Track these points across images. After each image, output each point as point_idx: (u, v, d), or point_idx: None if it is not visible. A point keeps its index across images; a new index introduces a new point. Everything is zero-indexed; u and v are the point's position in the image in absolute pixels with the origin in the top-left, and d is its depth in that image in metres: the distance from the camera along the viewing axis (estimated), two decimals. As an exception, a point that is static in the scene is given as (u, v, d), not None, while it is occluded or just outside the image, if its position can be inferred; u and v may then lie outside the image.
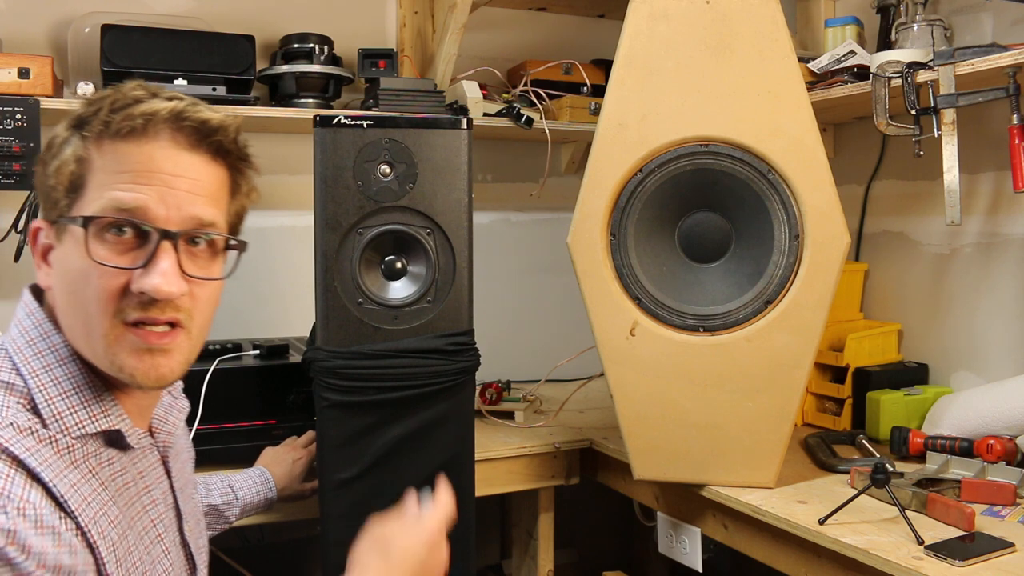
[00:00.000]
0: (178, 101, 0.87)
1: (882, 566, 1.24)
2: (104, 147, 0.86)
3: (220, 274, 0.94)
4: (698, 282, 1.56)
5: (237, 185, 0.95)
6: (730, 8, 1.49)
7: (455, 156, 1.55)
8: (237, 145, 0.93)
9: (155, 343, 0.86)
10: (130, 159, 0.85)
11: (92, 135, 0.86)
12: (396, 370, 1.51)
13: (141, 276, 0.84)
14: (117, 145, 0.85)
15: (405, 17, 2.37)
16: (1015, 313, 1.85)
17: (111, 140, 0.85)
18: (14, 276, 1.96)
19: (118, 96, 0.87)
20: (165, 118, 0.86)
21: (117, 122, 0.85)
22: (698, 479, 1.59)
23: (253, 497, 1.50)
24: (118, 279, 0.84)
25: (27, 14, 2.01)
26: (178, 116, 0.86)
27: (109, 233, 0.85)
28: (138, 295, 0.84)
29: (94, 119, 0.86)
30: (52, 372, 0.87)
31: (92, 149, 0.86)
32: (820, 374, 2.01)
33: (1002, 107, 1.65)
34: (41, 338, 0.89)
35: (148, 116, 0.85)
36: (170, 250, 0.85)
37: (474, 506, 1.59)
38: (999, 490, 1.46)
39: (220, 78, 1.91)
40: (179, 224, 0.86)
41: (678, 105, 1.50)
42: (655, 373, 1.54)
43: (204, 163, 0.89)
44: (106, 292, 0.84)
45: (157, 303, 0.85)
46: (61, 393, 0.87)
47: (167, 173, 0.86)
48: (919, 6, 1.80)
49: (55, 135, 0.90)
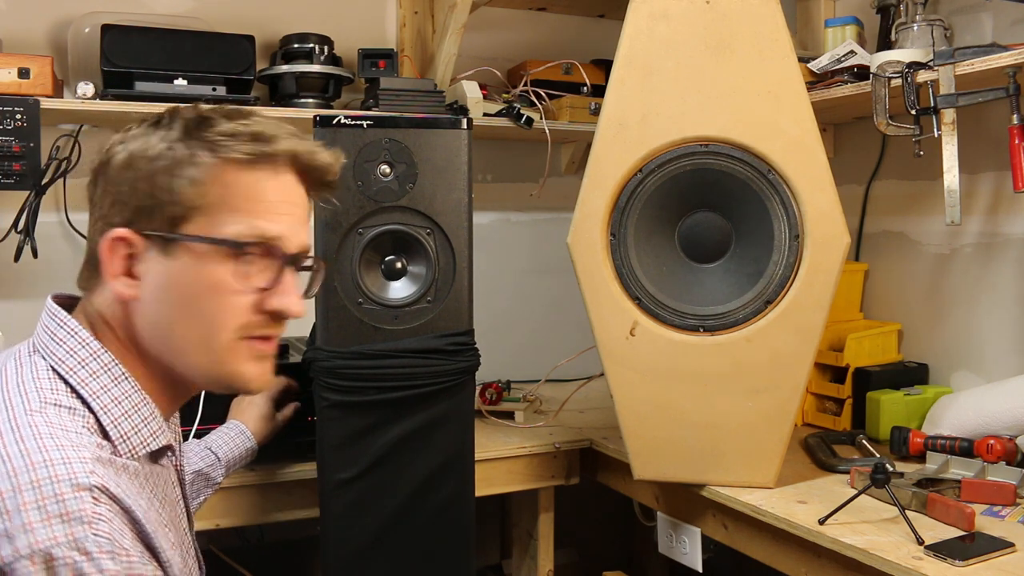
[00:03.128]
0: (307, 142, 0.95)
1: (882, 566, 1.24)
2: (241, 173, 0.90)
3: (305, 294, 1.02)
4: (698, 282, 1.56)
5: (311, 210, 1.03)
6: (730, 8, 1.49)
7: (455, 156, 1.55)
8: (332, 186, 1.01)
9: (270, 352, 0.95)
10: (266, 188, 0.91)
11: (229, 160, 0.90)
12: (396, 370, 1.51)
13: (274, 297, 0.91)
14: (256, 173, 0.91)
15: (405, 17, 2.37)
16: (1015, 313, 1.85)
17: (248, 168, 0.90)
18: (14, 276, 1.96)
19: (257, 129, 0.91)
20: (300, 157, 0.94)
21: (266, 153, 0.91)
22: (698, 479, 1.59)
23: (233, 451, 1.49)
24: (250, 298, 0.91)
25: (27, 14, 2.01)
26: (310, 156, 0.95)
27: (246, 256, 0.90)
28: (270, 313, 0.92)
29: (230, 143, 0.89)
30: (111, 392, 0.89)
31: (227, 173, 0.89)
32: (820, 374, 2.01)
33: (1002, 107, 1.65)
34: (92, 358, 0.89)
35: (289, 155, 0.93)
36: (295, 274, 0.94)
37: (474, 506, 1.59)
38: (999, 490, 1.46)
39: (220, 78, 1.91)
40: (297, 248, 0.94)
41: (678, 105, 1.50)
42: (655, 373, 1.53)
43: (307, 195, 0.98)
44: (239, 309, 0.90)
45: (282, 322, 0.94)
46: (124, 413, 0.89)
47: (292, 203, 0.94)
48: (919, 6, 1.80)
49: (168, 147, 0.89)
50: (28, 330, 0.95)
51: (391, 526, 1.51)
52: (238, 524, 1.68)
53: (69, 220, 2.02)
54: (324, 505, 1.53)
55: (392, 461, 1.52)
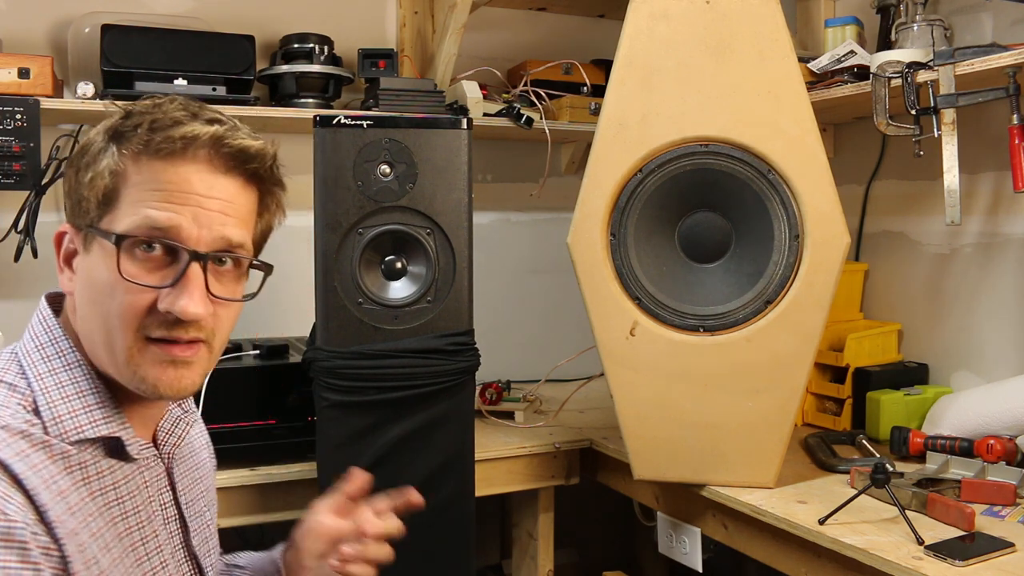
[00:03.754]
0: (219, 125, 0.88)
1: (882, 566, 1.24)
2: (141, 164, 0.86)
3: (243, 293, 0.94)
4: (698, 282, 1.56)
5: (266, 205, 0.96)
6: (730, 8, 1.49)
7: (455, 156, 1.55)
8: (272, 172, 0.94)
9: (178, 355, 0.87)
10: (166, 178, 0.86)
11: (130, 152, 0.86)
12: (396, 370, 1.51)
13: (169, 296, 0.85)
14: (154, 163, 0.86)
15: (405, 17, 2.37)
16: (1015, 313, 1.85)
17: (149, 158, 0.86)
18: (14, 276, 1.96)
19: (159, 116, 0.87)
20: (205, 143, 0.86)
21: (157, 142, 0.85)
22: (698, 479, 1.59)
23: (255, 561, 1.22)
24: (145, 296, 0.85)
25: (27, 14, 2.01)
26: (218, 141, 0.87)
27: (139, 250, 0.85)
28: (164, 314, 0.85)
29: (133, 135, 0.86)
30: (57, 376, 0.88)
31: (129, 164, 0.86)
32: (820, 374, 2.01)
33: (1002, 107, 1.65)
34: (50, 343, 0.90)
35: (188, 139, 0.86)
36: (199, 271, 0.86)
37: (474, 506, 1.59)
38: (999, 490, 1.46)
39: (220, 78, 1.91)
40: (209, 245, 0.87)
41: (678, 105, 1.50)
42: (655, 373, 1.53)
43: (238, 187, 0.90)
44: (132, 308, 0.85)
45: (182, 323, 0.86)
46: (64, 397, 0.87)
47: (201, 195, 0.87)
48: (919, 6, 1.80)
49: (90, 141, 0.89)
50: (29, 330, 0.97)
51: (391, 526, 1.51)
52: (238, 524, 1.68)
53: (69, 220, 2.02)
54: (324, 505, 1.53)
55: (392, 461, 1.52)
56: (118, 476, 0.90)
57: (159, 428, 0.99)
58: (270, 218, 0.98)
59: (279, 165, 0.95)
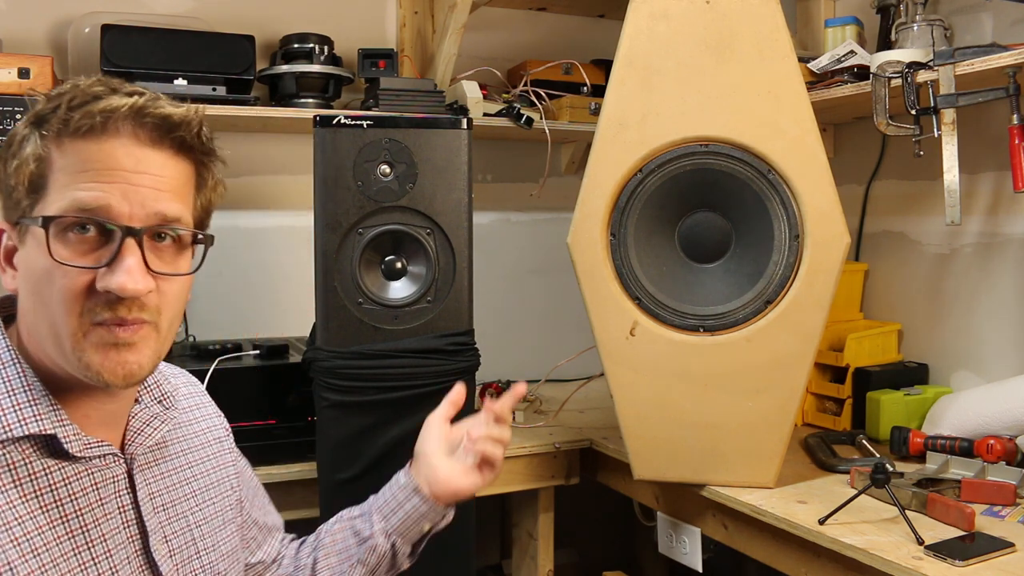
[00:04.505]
0: (138, 96, 0.85)
1: (882, 566, 1.24)
2: (64, 146, 0.83)
3: (188, 269, 0.91)
4: (698, 282, 1.56)
5: (203, 179, 0.93)
6: (730, 8, 1.49)
7: (455, 156, 1.55)
8: (201, 140, 0.90)
9: (121, 336, 0.84)
10: (91, 157, 0.83)
11: (51, 133, 0.83)
12: (396, 370, 1.51)
13: (106, 275, 0.82)
14: (77, 143, 0.83)
15: (405, 17, 2.37)
16: (1015, 313, 1.85)
17: (71, 138, 0.83)
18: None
19: (76, 93, 0.84)
20: (125, 115, 0.83)
21: (76, 120, 0.82)
22: (698, 479, 1.59)
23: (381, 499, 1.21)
24: (82, 279, 0.83)
25: (27, 14, 2.01)
26: (138, 112, 0.84)
27: (72, 233, 0.83)
28: (104, 294, 0.82)
29: (53, 117, 0.83)
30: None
31: (52, 148, 0.83)
32: (820, 374, 2.01)
33: (1002, 107, 1.65)
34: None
35: (108, 113, 0.83)
36: (134, 247, 0.83)
37: (474, 506, 1.59)
38: (999, 490, 1.46)
39: (220, 78, 1.91)
40: (143, 221, 0.84)
41: (678, 105, 1.50)
42: (655, 373, 1.53)
43: (167, 158, 0.87)
44: (71, 292, 0.82)
45: (124, 302, 0.83)
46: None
47: (129, 170, 0.84)
48: (919, 6, 1.80)
49: (15, 132, 0.87)
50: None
51: (391, 526, 1.51)
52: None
53: (69, 220, 2.02)
54: (324, 505, 1.53)
55: (392, 461, 1.52)
56: (58, 477, 0.86)
57: (128, 427, 0.95)
58: (209, 194, 0.95)
59: (209, 135, 0.91)
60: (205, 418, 1.11)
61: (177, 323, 0.92)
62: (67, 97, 0.84)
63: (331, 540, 1.20)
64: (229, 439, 1.14)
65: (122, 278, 0.82)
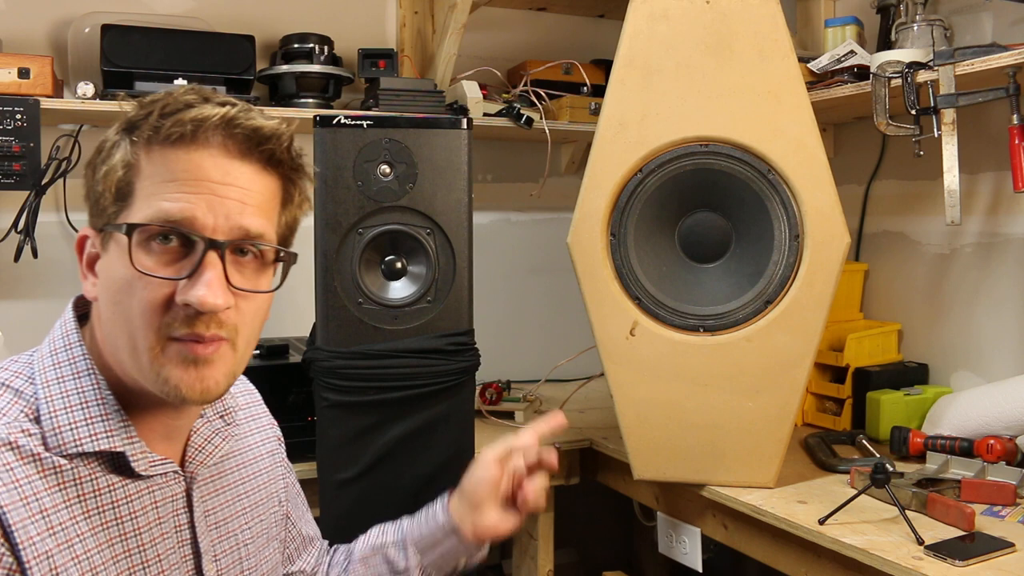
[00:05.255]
0: (230, 107, 0.84)
1: (882, 566, 1.24)
2: (153, 153, 0.83)
3: (268, 287, 0.89)
4: (698, 282, 1.56)
5: (289, 196, 0.92)
6: (730, 8, 1.49)
7: (455, 156, 1.55)
8: (290, 154, 0.89)
9: (200, 353, 0.83)
10: (178, 167, 0.82)
11: (141, 140, 0.83)
12: (396, 370, 1.51)
13: (186, 287, 0.81)
14: (166, 151, 0.82)
15: (405, 17, 2.37)
16: (1015, 313, 1.85)
17: (160, 146, 0.82)
18: (14, 276, 1.96)
19: (169, 101, 0.84)
20: (216, 124, 0.83)
21: (167, 128, 0.82)
22: (698, 479, 1.59)
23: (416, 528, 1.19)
24: (162, 290, 0.81)
25: (27, 14, 2.01)
26: (229, 122, 0.83)
27: (155, 242, 0.81)
28: (183, 308, 0.81)
29: (144, 124, 0.83)
30: (64, 384, 0.85)
31: (141, 155, 0.83)
32: (820, 374, 2.01)
33: (1002, 107, 1.65)
34: (64, 349, 0.87)
35: (198, 122, 0.82)
36: (216, 261, 0.82)
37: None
38: (999, 490, 1.46)
39: (220, 78, 1.91)
40: (226, 234, 0.83)
41: (678, 105, 1.50)
42: (655, 373, 1.53)
43: (255, 172, 0.86)
44: (150, 304, 0.81)
45: (202, 317, 0.82)
46: (67, 407, 0.83)
47: (216, 182, 0.83)
48: (919, 6, 1.80)
49: (105, 138, 0.86)
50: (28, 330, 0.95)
51: (391, 526, 1.51)
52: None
53: (69, 220, 2.02)
54: (324, 505, 1.53)
55: (392, 461, 1.52)
56: (121, 494, 0.86)
57: (189, 443, 0.94)
58: (295, 211, 0.93)
59: (299, 152, 0.91)
60: (260, 430, 1.10)
61: (254, 343, 0.91)
62: (160, 104, 0.83)
63: (364, 568, 1.18)
64: (281, 450, 1.13)
65: (202, 291, 0.80)
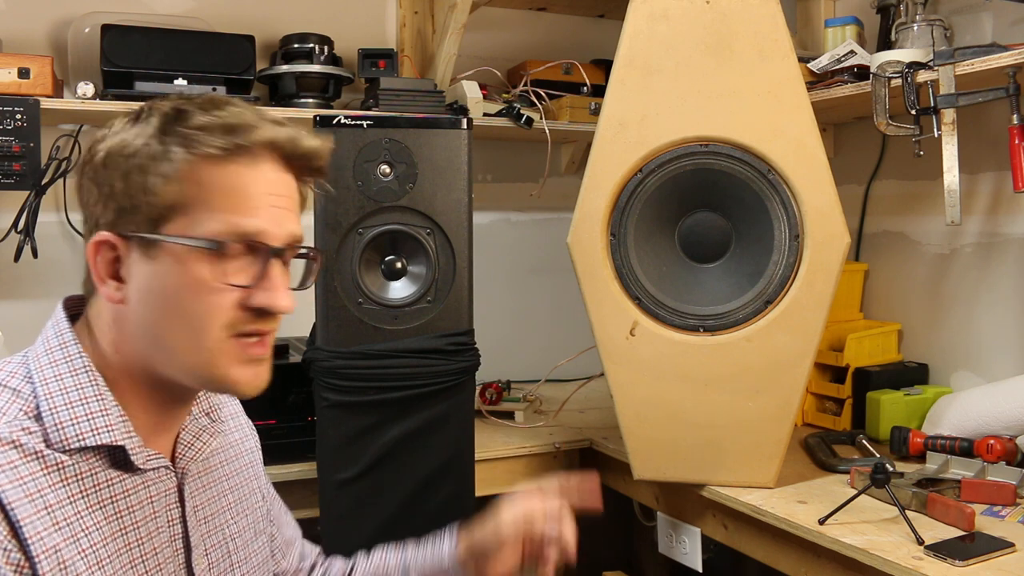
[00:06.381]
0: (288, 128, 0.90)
1: (882, 566, 1.24)
2: (216, 167, 0.86)
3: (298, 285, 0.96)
4: (698, 282, 1.56)
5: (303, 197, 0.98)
6: (730, 8, 1.49)
7: (455, 156, 1.55)
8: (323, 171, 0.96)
9: (260, 354, 0.90)
10: (241, 181, 0.87)
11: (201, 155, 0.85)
12: (396, 370, 1.51)
13: (258, 293, 0.87)
14: (229, 167, 0.86)
15: (405, 17, 2.37)
16: (1015, 313, 1.85)
17: (225, 161, 0.86)
18: (14, 276, 1.96)
19: (229, 118, 0.87)
20: (283, 144, 0.89)
21: (237, 144, 0.86)
22: (698, 479, 1.59)
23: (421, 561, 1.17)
24: (232, 296, 0.86)
25: (27, 14, 2.01)
26: (292, 143, 0.90)
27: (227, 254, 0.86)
28: (255, 309, 0.87)
29: (207, 139, 0.85)
30: (62, 381, 0.87)
31: (202, 168, 0.85)
32: (820, 374, 2.01)
33: (1002, 107, 1.65)
34: (59, 348, 0.89)
35: (267, 143, 0.88)
36: (281, 267, 0.90)
37: (474, 506, 1.59)
38: (999, 490, 1.46)
39: (220, 78, 1.91)
40: (283, 241, 0.89)
41: (678, 105, 1.50)
42: (655, 373, 1.53)
43: (293, 182, 0.93)
44: (221, 308, 0.86)
45: (268, 317, 0.88)
46: (67, 403, 0.86)
47: (274, 194, 0.89)
48: (919, 6, 1.80)
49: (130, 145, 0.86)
50: (28, 330, 0.95)
51: (391, 526, 1.51)
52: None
53: (69, 220, 2.02)
54: (324, 505, 1.53)
55: (392, 461, 1.52)
56: (120, 489, 0.88)
57: (179, 440, 0.97)
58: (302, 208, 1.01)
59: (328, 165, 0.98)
60: (239, 428, 1.12)
61: None
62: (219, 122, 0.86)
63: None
64: (258, 450, 1.16)
65: (277, 296, 0.88)
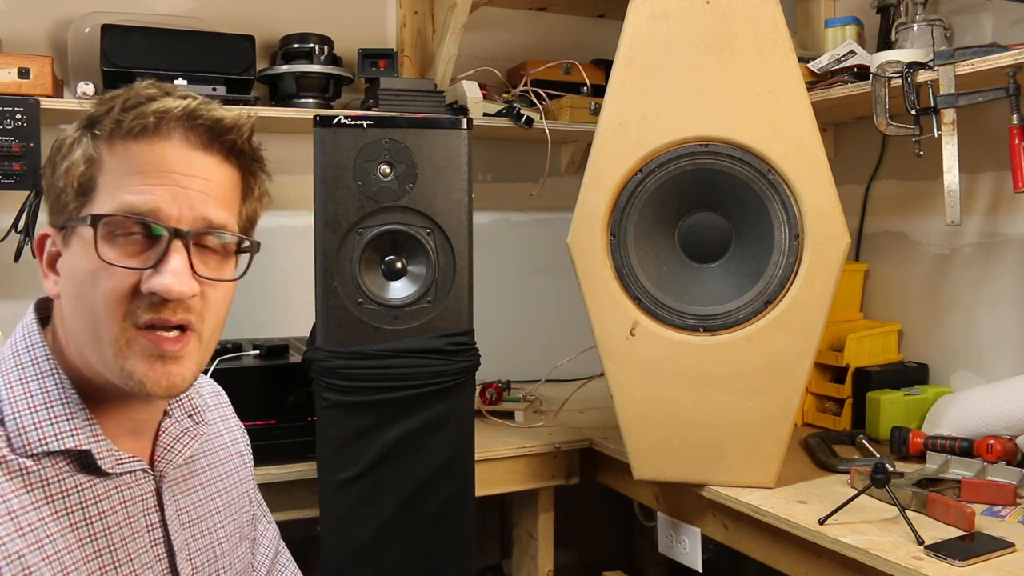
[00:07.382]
0: (191, 99, 0.85)
1: (882, 566, 1.24)
2: (115, 147, 0.84)
3: (231, 276, 0.91)
4: (698, 282, 1.56)
5: (250, 188, 0.93)
6: (730, 8, 1.49)
7: (455, 156, 1.55)
8: (251, 145, 0.90)
9: (167, 349, 0.83)
10: (141, 159, 0.83)
11: (103, 134, 0.84)
12: (396, 370, 1.51)
13: (151, 276, 0.82)
14: (128, 145, 0.83)
15: (405, 17, 2.37)
16: (1015, 313, 1.85)
17: (122, 140, 0.83)
18: (14, 276, 1.96)
19: (130, 95, 0.85)
20: (178, 116, 0.84)
21: (129, 121, 0.83)
22: (698, 479, 1.59)
23: None
24: (128, 280, 0.82)
25: (27, 14, 2.01)
26: (191, 114, 0.84)
27: (119, 234, 0.82)
28: (148, 296, 0.82)
29: (105, 118, 0.84)
30: (27, 385, 0.85)
31: (103, 149, 0.84)
32: (820, 374, 2.01)
33: (1002, 107, 1.65)
34: (26, 350, 0.87)
35: (160, 115, 0.83)
36: (181, 249, 0.83)
37: (474, 506, 1.59)
38: (999, 490, 1.46)
39: (220, 78, 1.91)
40: (190, 224, 0.84)
41: (678, 105, 1.50)
42: (655, 373, 1.53)
43: (216, 163, 0.87)
44: (115, 294, 0.82)
45: (168, 304, 0.82)
46: (31, 407, 0.83)
47: (179, 173, 0.84)
48: (919, 6, 1.80)
49: (65, 136, 0.87)
50: (28, 330, 0.95)
51: (391, 526, 1.51)
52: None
53: (69, 220, 2.02)
54: (324, 505, 1.53)
55: (392, 461, 1.52)
56: (89, 494, 0.85)
57: (158, 443, 0.94)
58: (255, 204, 0.95)
59: (259, 145, 0.92)
60: (229, 431, 1.10)
61: (219, 332, 0.92)
62: (120, 99, 0.84)
63: None
64: (249, 453, 1.13)
65: (168, 279, 0.81)
